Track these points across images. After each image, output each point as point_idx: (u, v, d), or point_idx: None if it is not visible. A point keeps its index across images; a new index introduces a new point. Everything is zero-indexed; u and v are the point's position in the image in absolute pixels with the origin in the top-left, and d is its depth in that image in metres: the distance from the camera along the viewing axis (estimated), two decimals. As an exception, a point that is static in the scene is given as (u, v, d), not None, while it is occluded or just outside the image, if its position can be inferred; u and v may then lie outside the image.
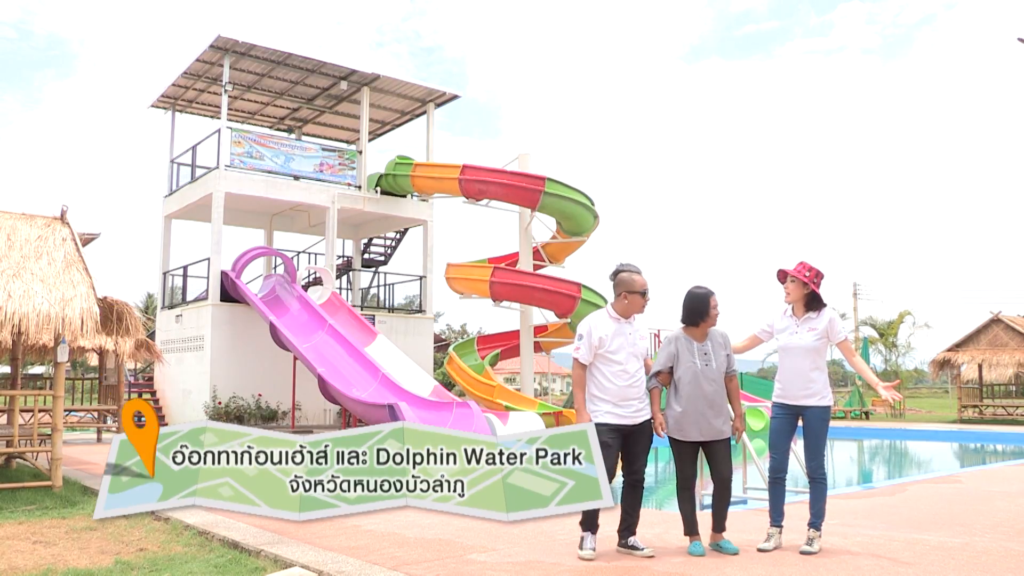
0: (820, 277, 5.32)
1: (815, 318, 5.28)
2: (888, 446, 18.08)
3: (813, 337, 5.24)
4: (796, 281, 5.30)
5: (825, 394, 5.29)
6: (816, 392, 5.26)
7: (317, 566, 4.59)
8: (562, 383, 68.97)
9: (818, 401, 5.27)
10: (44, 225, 8.76)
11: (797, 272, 5.31)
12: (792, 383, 5.30)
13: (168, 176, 21.78)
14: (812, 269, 5.32)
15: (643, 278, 5.27)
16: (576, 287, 18.53)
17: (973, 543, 5.36)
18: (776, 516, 5.26)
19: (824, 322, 5.26)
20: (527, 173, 19.10)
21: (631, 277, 5.24)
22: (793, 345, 5.27)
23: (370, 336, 17.59)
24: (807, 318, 5.29)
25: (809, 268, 5.32)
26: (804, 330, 5.27)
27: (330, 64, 20.11)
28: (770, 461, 5.41)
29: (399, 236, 24.27)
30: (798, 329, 5.29)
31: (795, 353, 5.27)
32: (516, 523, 4.29)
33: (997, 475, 9.76)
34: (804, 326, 5.28)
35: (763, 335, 5.55)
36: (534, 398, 18.48)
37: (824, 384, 5.31)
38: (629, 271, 5.28)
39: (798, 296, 5.32)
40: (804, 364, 5.25)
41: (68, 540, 5.68)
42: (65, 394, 9.51)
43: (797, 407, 5.31)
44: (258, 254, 19.89)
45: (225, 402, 18.19)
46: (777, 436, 5.40)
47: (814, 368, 5.26)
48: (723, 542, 5.14)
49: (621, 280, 5.26)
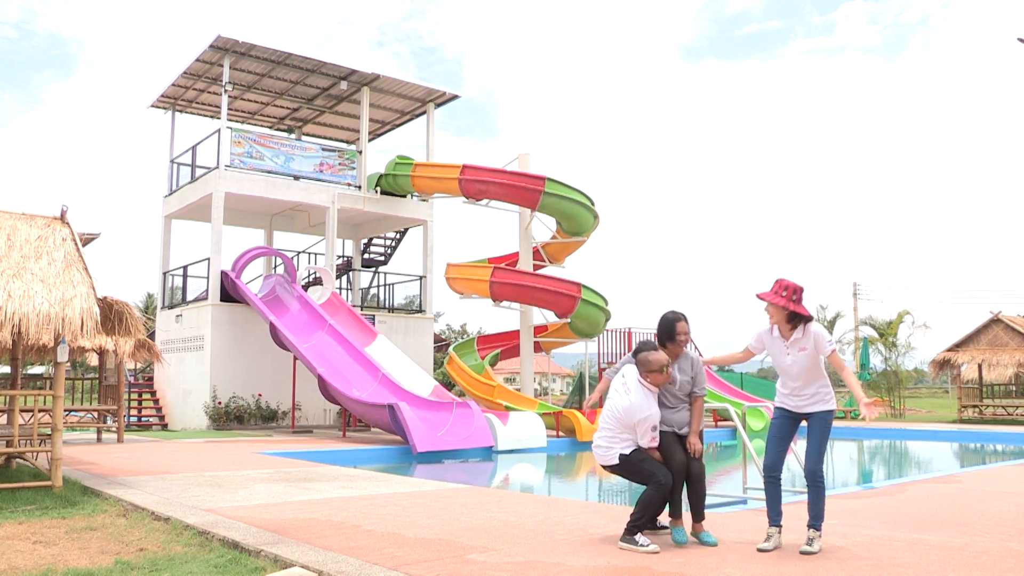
0: (798, 293, 5.23)
1: (801, 337, 5.23)
2: (888, 446, 18.07)
3: (805, 357, 5.21)
4: (774, 305, 5.28)
5: (828, 399, 5.28)
6: (820, 399, 5.26)
7: (317, 566, 4.59)
8: (562, 383, 68.94)
9: (822, 406, 5.26)
10: (44, 225, 8.76)
11: (773, 298, 5.24)
12: (793, 397, 5.31)
13: (168, 176, 21.78)
14: (788, 287, 5.23)
15: (661, 356, 5.39)
16: (576, 287, 18.53)
17: (973, 543, 5.35)
18: (774, 516, 5.26)
19: (811, 340, 5.21)
20: (527, 173, 19.10)
21: (647, 358, 5.40)
22: (787, 366, 5.27)
23: (370, 336, 17.59)
24: (794, 339, 5.24)
25: (785, 287, 5.23)
26: (795, 351, 5.23)
27: (330, 64, 20.11)
28: (765, 458, 5.41)
29: (399, 236, 24.27)
30: (789, 351, 5.26)
31: (791, 374, 5.28)
32: (516, 523, 4.28)
33: (997, 475, 9.75)
34: (794, 348, 5.23)
35: (755, 349, 5.55)
36: (534, 398, 18.47)
37: (826, 390, 5.29)
38: (645, 351, 5.46)
39: (780, 318, 5.28)
40: (802, 381, 5.25)
41: (68, 540, 5.68)
42: (65, 394, 9.51)
43: (800, 414, 5.32)
44: (258, 254, 19.89)
45: (225, 402, 18.20)
46: (776, 437, 5.39)
47: (813, 381, 5.26)
48: (703, 534, 5.32)
49: (639, 361, 5.45)
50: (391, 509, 6.79)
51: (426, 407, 14.44)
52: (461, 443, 13.68)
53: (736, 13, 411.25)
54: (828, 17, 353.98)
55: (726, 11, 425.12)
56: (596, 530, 5.79)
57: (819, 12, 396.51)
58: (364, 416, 15.36)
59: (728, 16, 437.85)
